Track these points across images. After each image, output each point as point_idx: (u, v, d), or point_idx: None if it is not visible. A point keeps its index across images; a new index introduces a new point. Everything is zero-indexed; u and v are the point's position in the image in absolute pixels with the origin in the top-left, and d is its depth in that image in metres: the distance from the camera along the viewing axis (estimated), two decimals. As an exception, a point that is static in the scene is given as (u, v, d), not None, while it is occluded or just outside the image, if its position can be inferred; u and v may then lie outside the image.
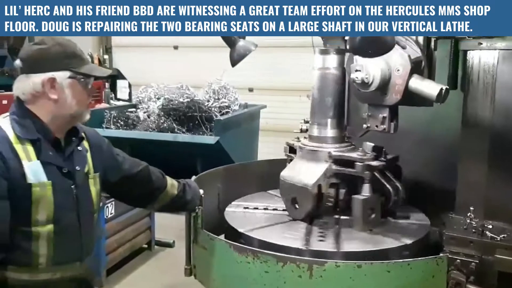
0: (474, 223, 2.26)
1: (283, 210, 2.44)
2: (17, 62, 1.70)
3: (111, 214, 4.07)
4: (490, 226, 2.19)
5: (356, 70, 2.05)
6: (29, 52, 1.71)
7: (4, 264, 1.59)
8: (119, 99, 7.52)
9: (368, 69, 2.04)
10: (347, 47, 1.98)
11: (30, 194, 1.59)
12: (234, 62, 2.46)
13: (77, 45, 1.80)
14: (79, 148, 1.77)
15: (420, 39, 2.15)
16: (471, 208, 2.30)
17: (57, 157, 1.68)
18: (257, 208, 2.55)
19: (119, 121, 5.81)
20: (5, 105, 4.36)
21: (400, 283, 1.89)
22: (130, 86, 7.40)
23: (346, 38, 2.32)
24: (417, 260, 1.92)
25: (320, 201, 2.25)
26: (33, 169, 1.59)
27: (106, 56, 8.47)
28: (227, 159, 5.43)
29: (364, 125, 2.24)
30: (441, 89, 2.00)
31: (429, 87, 2.02)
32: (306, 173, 2.26)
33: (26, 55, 1.71)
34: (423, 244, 2.25)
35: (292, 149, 2.49)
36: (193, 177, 2.62)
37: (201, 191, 2.26)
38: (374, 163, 2.20)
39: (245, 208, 2.56)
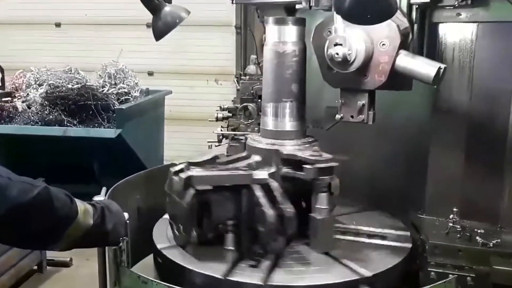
0: (459, 227, 1.94)
1: None
2: None
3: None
4: (482, 231, 1.88)
5: (336, 44, 1.55)
6: None
7: None
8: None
9: (351, 43, 1.56)
10: (333, 8, 1.46)
11: None
12: (159, 34, 1.83)
13: None
14: None
15: (404, 5, 1.72)
16: (454, 208, 1.99)
17: None
18: None
19: (-11, 113, 4.77)
20: None
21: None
22: (2, 71, 6.20)
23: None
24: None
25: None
26: None
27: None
28: (131, 154, 4.75)
29: (337, 116, 1.77)
30: (439, 68, 1.59)
31: (424, 67, 1.61)
32: None
33: None
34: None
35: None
36: (103, 190, 1.95)
37: (126, 215, 1.62)
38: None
39: None
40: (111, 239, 1.55)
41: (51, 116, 4.68)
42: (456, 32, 2.00)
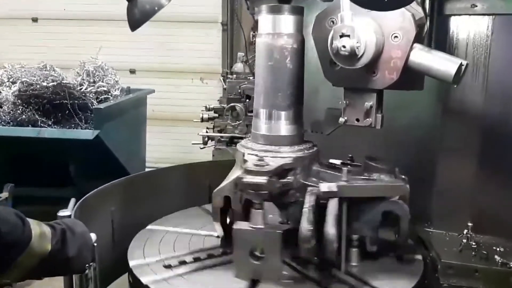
0: (473, 243, 1.73)
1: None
2: None
3: None
4: (501, 249, 1.68)
5: (343, 35, 1.32)
6: None
7: None
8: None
9: (359, 34, 1.33)
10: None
11: None
12: (135, 23, 1.58)
13: None
14: None
15: (417, -7, 1.51)
16: (468, 223, 1.78)
17: None
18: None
19: (-43, 112, 4.47)
20: None
21: None
22: (-28, 68, 5.89)
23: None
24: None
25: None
26: None
27: None
28: (110, 157, 4.47)
29: (341, 119, 1.55)
30: (461, 64, 1.38)
31: (443, 63, 1.39)
32: None
33: None
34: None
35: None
36: (72, 202, 1.69)
37: (93, 237, 1.37)
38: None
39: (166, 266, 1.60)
40: (74, 266, 1.31)
41: (24, 116, 4.38)
42: (469, 25, 1.81)
